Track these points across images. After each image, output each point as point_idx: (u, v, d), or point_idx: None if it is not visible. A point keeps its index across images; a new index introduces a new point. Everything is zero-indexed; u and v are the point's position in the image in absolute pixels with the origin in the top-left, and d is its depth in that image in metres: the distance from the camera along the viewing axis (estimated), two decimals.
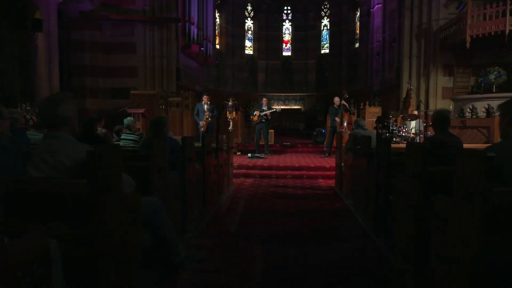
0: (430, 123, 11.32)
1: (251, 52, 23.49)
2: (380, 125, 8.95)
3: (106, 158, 1.83)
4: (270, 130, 11.27)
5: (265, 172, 7.85)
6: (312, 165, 8.08)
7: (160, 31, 13.26)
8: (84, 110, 12.75)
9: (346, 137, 9.88)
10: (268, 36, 23.64)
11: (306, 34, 23.59)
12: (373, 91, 18.44)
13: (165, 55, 13.44)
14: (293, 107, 23.18)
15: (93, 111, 12.86)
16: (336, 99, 10.52)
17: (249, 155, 9.48)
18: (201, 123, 9.50)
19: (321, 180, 7.54)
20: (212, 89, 19.84)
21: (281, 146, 11.52)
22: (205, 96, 9.54)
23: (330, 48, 23.03)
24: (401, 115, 10.24)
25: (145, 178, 2.89)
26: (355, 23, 21.54)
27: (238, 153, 10.68)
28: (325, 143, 11.10)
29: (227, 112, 10.74)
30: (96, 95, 12.93)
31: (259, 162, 8.73)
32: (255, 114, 10.18)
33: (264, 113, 10.10)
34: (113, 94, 13.06)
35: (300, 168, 8.01)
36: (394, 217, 3.15)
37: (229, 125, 10.70)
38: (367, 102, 11.92)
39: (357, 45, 21.35)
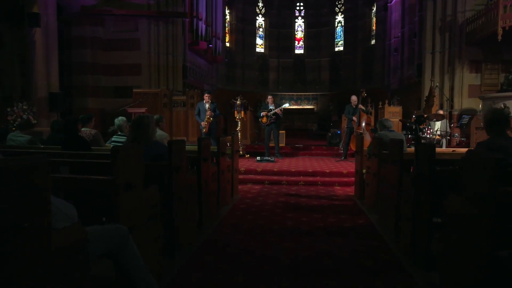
0: (457, 124, 10.37)
1: (262, 50, 22.72)
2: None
3: None
4: (281, 131, 10.48)
5: (275, 178, 7.06)
6: (328, 170, 7.26)
7: (165, 27, 12.58)
8: (86, 109, 12.12)
9: (367, 140, 9.04)
10: (279, 33, 22.84)
11: (319, 31, 22.71)
12: (390, 90, 17.49)
13: (170, 52, 12.77)
14: (305, 107, 22.32)
15: (94, 111, 12.24)
16: (354, 98, 9.68)
17: (258, 158, 8.70)
18: (203, 123, 8.76)
19: (337, 187, 6.72)
20: (221, 88, 19.13)
21: (293, 149, 10.72)
22: (206, 94, 8.79)
23: (345, 45, 22.11)
24: (426, 115, 9.34)
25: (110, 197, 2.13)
26: (371, 19, 20.59)
27: (246, 156, 9.92)
28: (340, 145, 10.26)
29: (235, 112, 9.98)
30: (98, 93, 12.32)
31: (269, 166, 7.95)
32: (263, 116, 9.38)
33: (272, 112, 9.30)
34: (116, 92, 12.43)
35: (314, 174, 7.20)
36: (445, 248, 2.33)
37: (237, 126, 9.95)
38: (386, 101, 11.03)
39: (373, 41, 20.40)
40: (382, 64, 19.02)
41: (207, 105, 8.71)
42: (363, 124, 9.34)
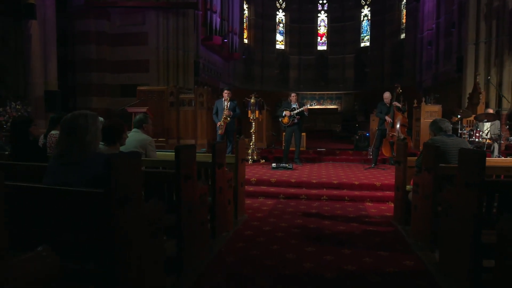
0: (506, 126, 8.85)
1: (283, 47, 21.49)
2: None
3: None
4: (302, 133, 9.24)
5: (293, 191, 5.84)
6: (356, 182, 5.99)
7: (175, 19, 11.55)
8: (89, 109, 11.19)
9: (410, 144, 7.69)
10: (301, 29, 21.56)
11: (343, 26, 21.30)
12: (422, 88, 15.95)
13: (181, 47, 11.73)
14: (328, 107, 20.97)
15: (99, 111, 11.34)
16: (387, 95, 8.37)
17: (274, 165, 7.50)
18: (219, 124, 7.65)
19: (369, 204, 5.45)
20: (239, 87, 18.01)
21: (315, 153, 9.46)
22: (225, 91, 7.69)
23: (371, 40, 20.63)
24: (474, 116, 7.93)
25: None
26: (400, 11, 19.05)
27: (261, 161, 8.74)
28: (370, 150, 8.94)
29: (249, 112, 8.83)
30: (103, 92, 11.42)
31: (286, 174, 6.75)
32: (285, 115, 8.18)
33: (297, 111, 8.09)
34: (122, 91, 11.49)
35: (340, 186, 5.94)
36: None
37: (251, 127, 8.79)
38: (423, 99, 9.62)
39: (402, 35, 18.86)
40: (412, 60, 17.47)
41: (225, 103, 7.63)
42: (398, 125, 8.00)
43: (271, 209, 5.10)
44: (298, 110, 8.11)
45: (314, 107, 20.25)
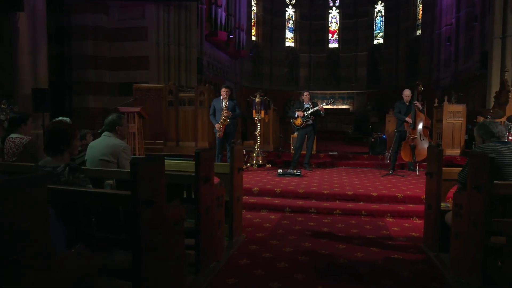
0: None
1: (292, 45, 20.69)
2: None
3: None
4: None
5: (300, 203, 5.06)
6: (374, 193, 5.18)
7: (177, 13, 10.87)
8: (87, 109, 10.65)
9: (423, 150, 6.88)
10: (311, 25, 20.73)
11: (356, 23, 20.42)
12: (440, 87, 15.01)
13: (183, 43, 11.05)
14: (340, 107, 20.13)
15: (96, 111, 10.72)
16: (407, 93, 7.54)
17: (280, 171, 6.72)
18: (217, 126, 6.86)
19: (390, 220, 4.64)
20: (246, 86, 17.25)
21: (326, 157, 8.65)
22: (223, 89, 6.89)
23: (385, 37, 19.72)
24: (507, 117, 7.05)
25: None
26: (416, 6, 18.10)
27: (267, 166, 7.97)
28: (387, 154, 8.11)
29: (253, 112, 8.07)
30: (101, 91, 10.78)
31: (293, 183, 5.97)
32: (297, 116, 7.39)
33: (311, 111, 7.30)
34: (121, 89, 10.83)
35: (355, 198, 5.14)
36: None
37: (256, 129, 8.02)
38: (445, 98, 8.74)
39: (418, 32, 17.90)
40: (429, 57, 16.51)
41: (224, 102, 6.83)
42: (420, 127, 7.17)
43: (275, 227, 4.33)
44: (312, 110, 7.32)
45: (325, 106, 19.25)
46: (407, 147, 7.21)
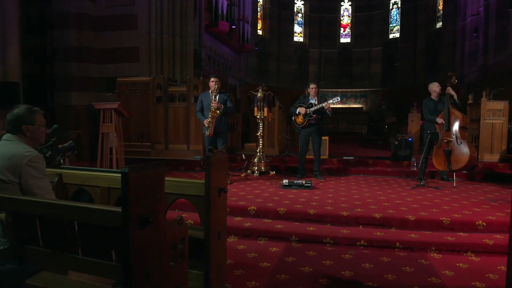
0: None
1: (301, 39, 19.43)
2: None
3: None
4: (323, 137, 7.17)
5: (311, 228, 3.78)
6: (411, 216, 3.85)
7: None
8: (70, 107, 9.47)
9: (462, 155, 5.58)
10: (322, 19, 19.45)
11: (370, 15, 19.09)
12: (465, 83, 13.61)
13: (178, 32, 9.84)
14: (352, 106, 18.84)
15: (80, 109, 9.55)
16: (435, 87, 6.28)
17: (285, 182, 5.44)
18: (206, 122, 5.56)
19: (436, 255, 3.37)
20: (251, 83, 15.98)
21: (340, 163, 7.36)
22: (212, 79, 5.59)
23: (401, 31, 18.35)
24: None
25: None
26: None
27: (271, 172, 6.71)
28: (414, 160, 6.80)
29: (255, 109, 6.81)
30: (86, 86, 9.60)
31: (302, 198, 4.71)
32: (299, 113, 6.18)
33: (314, 108, 6.06)
34: (108, 85, 9.61)
35: (384, 222, 3.84)
36: None
37: (258, 129, 6.76)
38: (484, 93, 7.38)
39: (438, 24, 16.52)
40: (451, 51, 15.14)
41: (212, 96, 5.55)
42: (455, 127, 5.85)
43: (275, 269, 3.07)
44: (316, 107, 6.06)
45: (335, 105, 17.80)
46: (440, 153, 5.90)
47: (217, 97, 5.58)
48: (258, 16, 17.69)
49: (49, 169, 3.06)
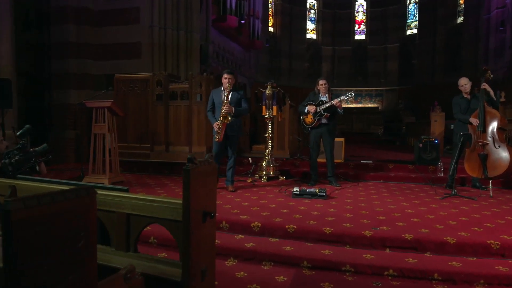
0: None
1: (314, 36, 18.71)
2: None
3: None
4: (338, 139, 6.48)
5: (327, 252, 3.10)
6: (450, 239, 3.13)
7: None
8: (68, 105, 8.94)
9: (500, 162, 4.86)
10: (335, 15, 18.71)
11: (385, 11, 18.29)
12: (490, 80, 12.70)
13: (183, 27, 9.25)
14: (367, 105, 18.06)
15: (79, 108, 9.02)
16: (463, 82, 5.56)
17: (296, 190, 4.77)
18: (216, 125, 4.93)
19: None
20: (262, 82, 15.28)
21: (357, 167, 6.65)
22: (225, 75, 4.93)
23: (419, 26, 17.50)
24: None
25: None
26: None
27: (280, 178, 6.05)
28: (441, 164, 6.05)
29: (263, 108, 6.15)
30: (85, 84, 9.07)
31: (316, 210, 4.05)
32: (308, 112, 5.52)
33: (325, 106, 5.39)
34: (108, 82, 9.06)
35: (417, 246, 3.13)
36: None
37: (266, 130, 6.11)
38: (503, 95, 6.59)
39: (460, 19, 15.62)
40: (474, 47, 14.25)
41: (225, 94, 4.91)
42: (493, 128, 5.11)
43: None
44: (327, 105, 5.38)
45: (349, 105, 17.19)
46: (474, 157, 5.16)
47: (230, 96, 4.94)
48: (270, 13, 17.04)
49: (2, 179, 2.47)
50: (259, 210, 4.01)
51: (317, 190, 4.73)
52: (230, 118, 4.85)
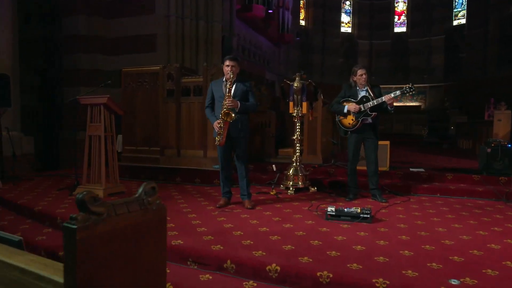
0: None
1: (349, 30, 17.40)
2: None
3: None
4: (382, 142, 5.27)
5: None
6: None
7: None
8: (78, 104, 8.21)
9: None
10: (373, 6, 17.34)
11: (429, 0, 16.60)
12: None
13: (203, 16, 8.35)
14: (408, 104, 16.52)
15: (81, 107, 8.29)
16: None
17: (331, 210, 3.65)
18: (216, 124, 3.89)
19: None
20: (292, 78, 14.25)
21: (404, 177, 5.40)
22: (227, 62, 3.87)
23: (468, 16, 15.80)
24: None
25: None
26: None
27: (311, 189, 4.95)
28: None
29: (290, 104, 5.07)
30: (95, 81, 8.27)
31: (357, 243, 2.94)
32: (347, 112, 4.39)
33: (372, 103, 4.26)
34: (121, 79, 8.33)
35: None
36: None
37: (295, 131, 5.02)
38: None
39: None
40: None
41: (227, 85, 3.86)
42: None
43: None
44: (375, 101, 4.24)
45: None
46: None
47: (233, 88, 3.89)
48: (301, 5, 15.88)
49: None
50: (280, 241, 2.92)
51: (358, 210, 3.58)
52: (234, 115, 3.75)
